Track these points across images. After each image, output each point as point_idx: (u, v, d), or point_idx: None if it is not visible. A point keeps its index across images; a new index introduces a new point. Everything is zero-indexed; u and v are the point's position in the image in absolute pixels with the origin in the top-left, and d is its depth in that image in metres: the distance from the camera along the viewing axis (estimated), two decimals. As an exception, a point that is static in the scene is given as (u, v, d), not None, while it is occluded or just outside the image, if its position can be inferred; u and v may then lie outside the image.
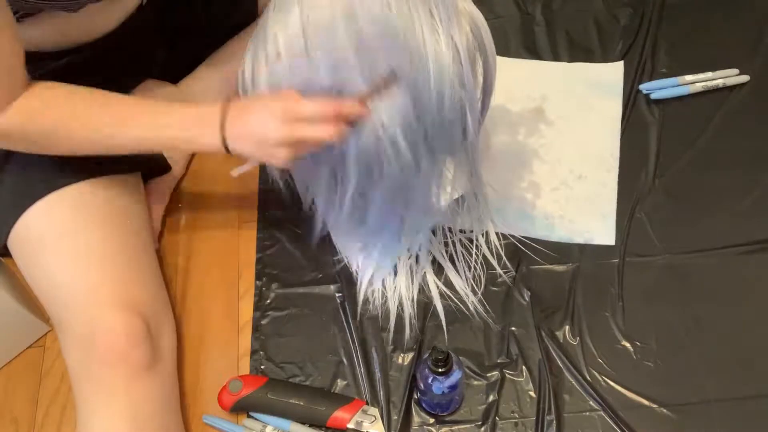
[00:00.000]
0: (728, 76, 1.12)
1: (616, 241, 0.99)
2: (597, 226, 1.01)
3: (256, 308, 0.99)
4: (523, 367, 0.91)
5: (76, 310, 0.83)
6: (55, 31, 0.86)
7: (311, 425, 0.89)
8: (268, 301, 1.00)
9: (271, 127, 0.74)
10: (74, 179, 0.87)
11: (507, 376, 0.90)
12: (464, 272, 0.97)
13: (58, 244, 0.85)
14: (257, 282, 1.01)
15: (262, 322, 0.98)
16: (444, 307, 0.95)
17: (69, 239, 0.85)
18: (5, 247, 0.91)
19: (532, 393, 0.89)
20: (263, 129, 0.75)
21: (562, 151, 1.08)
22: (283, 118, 0.74)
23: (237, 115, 0.77)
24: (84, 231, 0.86)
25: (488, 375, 0.91)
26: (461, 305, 0.95)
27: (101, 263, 0.84)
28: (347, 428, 0.88)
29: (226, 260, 1.05)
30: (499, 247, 0.98)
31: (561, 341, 0.92)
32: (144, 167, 1.01)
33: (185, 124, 0.79)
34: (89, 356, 0.80)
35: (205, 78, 1.13)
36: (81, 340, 0.81)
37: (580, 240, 1.00)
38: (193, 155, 1.14)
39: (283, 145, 0.75)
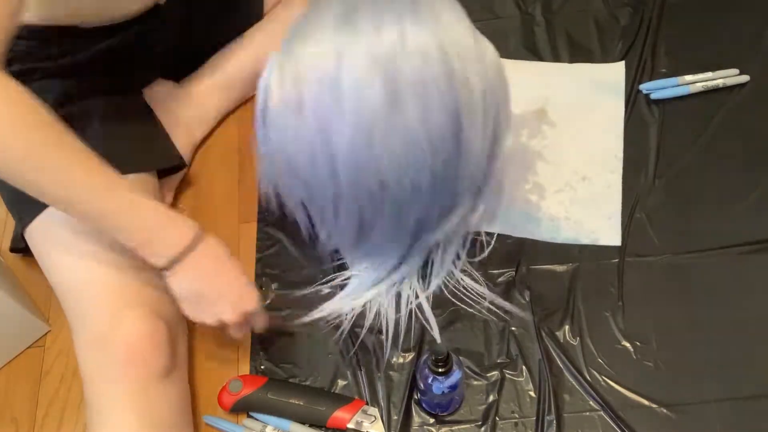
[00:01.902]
0: (728, 76, 1.11)
1: (617, 241, 0.99)
2: (602, 227, 1.00)
3: (256, 308, 0.99)
4: (523, 367, 0.91)
5: (98, 308, 0.82)
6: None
7: (311, 425, 0.89)
8: (268, 301, 0.99)
9: (228, 309, 0.81)
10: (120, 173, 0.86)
11: (507, 376, 0.90)
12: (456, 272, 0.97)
13: (89, 239, 0.83)
14: (257, 282, 1.01)
15: (262, 322, 0.98)
16: (444, 306, 0.95)
17: (101, 236, 0.83)
18: (20, 238, 0.90)
19: (532, 393, 0.89)
20: (218, 301, 0.81)
21: (566, 152, 1.08)
22: (239, 312, 0.82)
23: (200, 262, 0.79)
24: None
25: (488, 375, 0.91)
26: (460, 305, 0.95)
27: (129, 264, 0.83)
28: (347, 428, 0.88)
29: (226, 260, 1.05)
30: (499, 247, 0.98)
31: (561, 341, 0.92)
32: (168, 162, 1.02)
33: (156, 223, 0.77)
34: (108, 356, 0.79)
35: (207, 78, 1.13)
36: (100, 339, 0.80)
37: (586, 241, 0.99)
38: (195, 152, 1.14)
39: (220, 320, 0.82)
